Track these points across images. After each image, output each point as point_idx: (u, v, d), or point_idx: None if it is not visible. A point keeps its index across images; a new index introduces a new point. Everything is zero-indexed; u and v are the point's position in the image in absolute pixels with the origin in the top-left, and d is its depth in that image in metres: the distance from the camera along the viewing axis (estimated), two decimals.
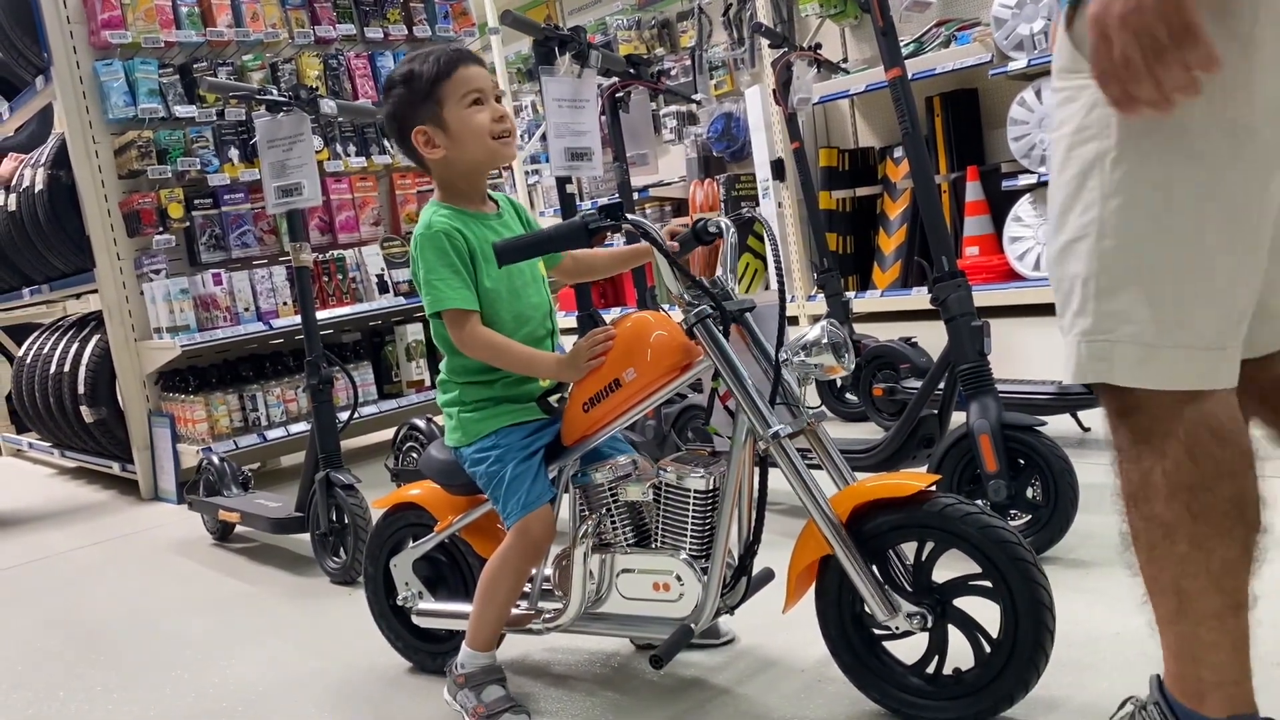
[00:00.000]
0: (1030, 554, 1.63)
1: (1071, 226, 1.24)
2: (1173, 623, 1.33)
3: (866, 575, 1.69)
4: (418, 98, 1.95)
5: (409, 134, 1.96)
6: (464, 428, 1.99)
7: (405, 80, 1.96)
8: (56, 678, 2.55)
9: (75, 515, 4.51)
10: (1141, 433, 1.27)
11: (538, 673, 2.18)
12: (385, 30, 4.90)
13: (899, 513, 1.69)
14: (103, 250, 4.33)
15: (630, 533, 1.93)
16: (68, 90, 4.26)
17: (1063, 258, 1.26)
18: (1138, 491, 1.29)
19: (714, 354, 1.78)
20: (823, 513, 1.71)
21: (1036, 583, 1.62)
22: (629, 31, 7.20)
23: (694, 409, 3.27)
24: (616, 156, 3.50)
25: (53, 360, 4.96)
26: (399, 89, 1.97)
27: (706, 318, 1.78)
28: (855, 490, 1.74)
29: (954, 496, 1.69)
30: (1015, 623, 1.63)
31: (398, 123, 1.98)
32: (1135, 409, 1.26)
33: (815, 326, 1.76)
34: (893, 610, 1.69)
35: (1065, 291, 1.27)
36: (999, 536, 1.63)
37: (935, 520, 1.67)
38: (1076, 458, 2.37)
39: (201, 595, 3.06)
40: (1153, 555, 1.31)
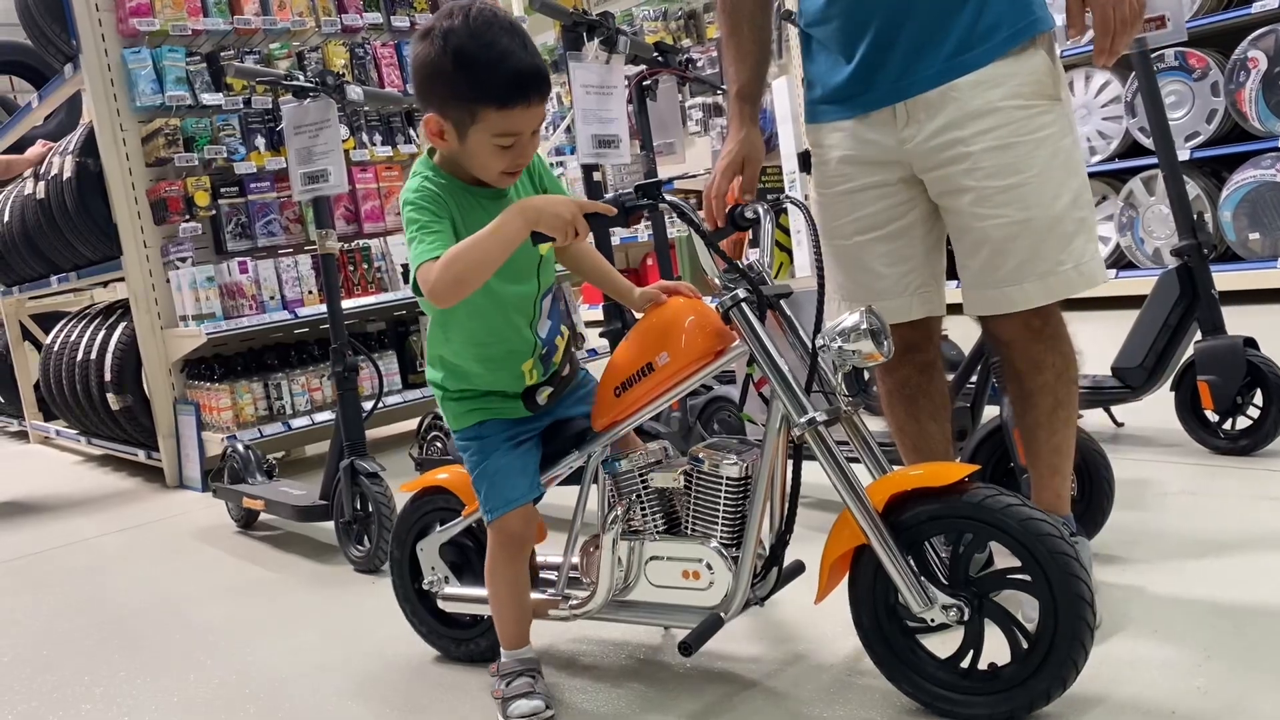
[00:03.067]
0: (1072, 548, 1.59)
1: (1071, 188, 1.87)
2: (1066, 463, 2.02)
3: (902, 565, 1.66)
4: (457, 93, 1.69)
5: (427, 109, 1.75)
6: (450, 414, 1.96)
7: (461, 63, 1.66)
8: (82, 662, 2.55)
9: (101, 502, 4.53)
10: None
11: (564, 663, 2.15)
12: (411, 19, 4.88)
13: (937, 503, 1.65)
14: (130, 238, 4.34)
15: (660, 520, 1.90)
16: (96, 78, 4.27)
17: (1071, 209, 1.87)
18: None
19: (750, 339, 1.75)
20: (859, 501, 1.67)
21: (1077, 577, 1.57)
22: (655, 22, 7.18)
23: (720, 400, 3.24)
24: (643, 145, 3.47)
25: (80, 348, 4.99)
26: (450, 64, 1.66)
27: (742, 301, 1.75)
28: (892, 479, 1.71)
29: (994, 488, 1.64)
30: (1055, 618, 1.59)
31: (422, 86, 1.74)
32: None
33: (854, 313, 1.71)
34: (929, 602, 1.66)
35: (1071, 233, 1.86)
36: (1040, 529, 1.59)
37: (974, 511, 1.62)
38: (1110, 453, 2.33)
39: (225, 582, 3.06)
40: (1070, 419, 2.00)
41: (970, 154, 1.85)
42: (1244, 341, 2.81)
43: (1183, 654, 1.82)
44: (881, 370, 2.14)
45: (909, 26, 1.85)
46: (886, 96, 1.90)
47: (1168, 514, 2.51)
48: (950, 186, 1.90)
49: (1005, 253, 1.87)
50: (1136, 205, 5.36)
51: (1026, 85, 1.84)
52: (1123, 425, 3.24)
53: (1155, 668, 1.79)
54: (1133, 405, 3.06)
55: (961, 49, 1.83)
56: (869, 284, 2.04)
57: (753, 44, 2.05)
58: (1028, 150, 1.83)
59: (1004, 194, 1.85)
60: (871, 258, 2.03)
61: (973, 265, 1.94)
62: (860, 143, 1.97)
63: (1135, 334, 2.96)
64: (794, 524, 1.82)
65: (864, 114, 1.94)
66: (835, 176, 2.03)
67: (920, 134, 1.88)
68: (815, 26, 1.98)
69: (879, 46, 1.87)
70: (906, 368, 2.11)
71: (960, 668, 1.71)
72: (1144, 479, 2.75)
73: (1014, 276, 1.88)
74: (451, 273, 1.65)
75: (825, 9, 1.93)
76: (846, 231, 2.04)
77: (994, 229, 1.87)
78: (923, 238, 2.02)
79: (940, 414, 2.15)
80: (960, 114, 1.84)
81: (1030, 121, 1.84)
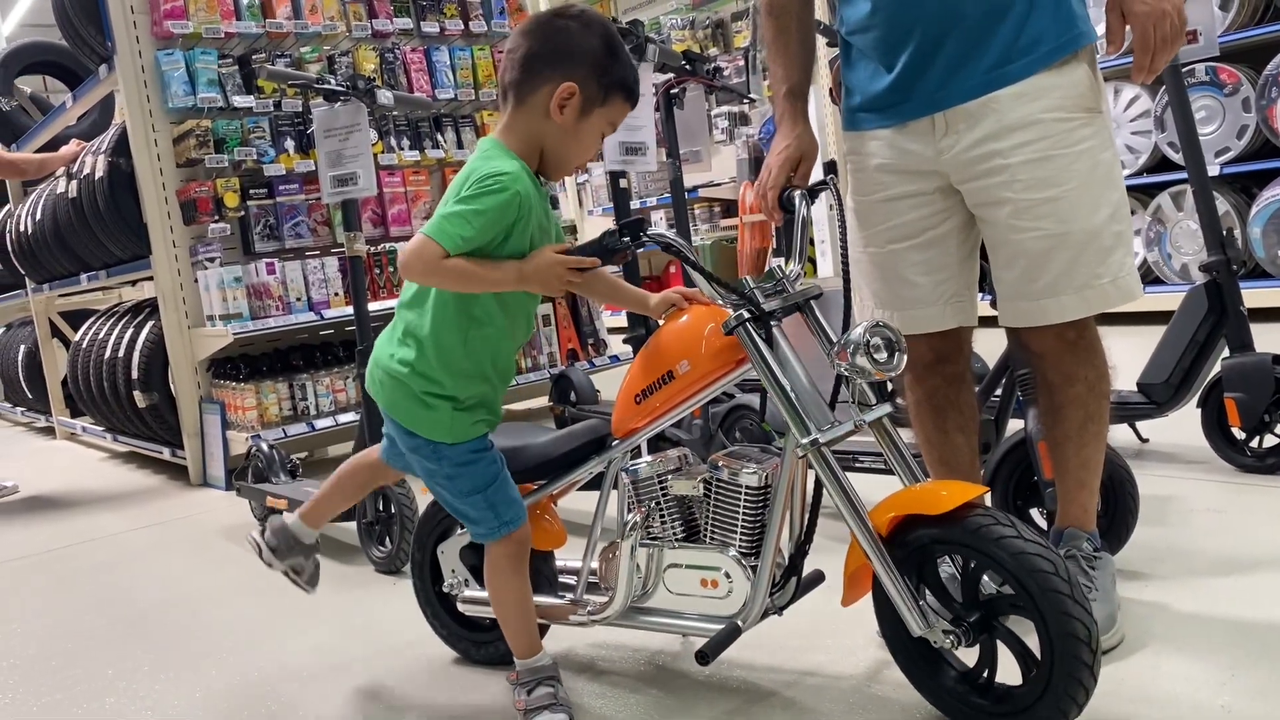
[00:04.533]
0: (1066, 583, 1.53)
1: (1111, 201, 1.87)
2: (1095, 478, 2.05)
3: (901, 588, 1.65)
4: (599, 71, 1.78)
5: (559, 72, 1.76)
6: (453, 426, 1.86)
7: (610, 49, 1.79)
8: (106, 656, 2.58)
9: (125, 499, 4.57)
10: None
11: (582, 669, 2.16)
12: (441, 25, 4.92)
13: (938, 527, 1.63)
14: (159, 237, 4.39)
15: (679, 527, 1.90)
16: (130, 79, 4.32)
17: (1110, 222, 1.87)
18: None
19: (754, 358, 1.74)
20: (861, 523, 1.66)
21: (1070, 615, 1.52)
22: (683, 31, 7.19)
23: (742, 409, 3.24)
24: (670, 153, 3.48)
25: (108, 345, 5.04)
26: (600, 45, 1.78)
27: (745, 321, 1.73)
28: (895, 500, 1.68)
29: (993, 515, 1.60)
30: (1051, 653, 1.55)
31: (558, 53, 1.77)
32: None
33: (860, 325, 1.69)
34: (928, 625, 1.64)
35: (1109, 246, 1.87)
36: (1032, 565, 1.54)
37: (970, 539, 1.59)
38: (1135, 469, 2.31)
39: (247, 580, 3.08)
40: (1100, 433, 2.01)
41: (1009, 166, 1.84)
42: (1273, 359, 2.78)
43: (1207, 672, 1.81)
44: (911, 380, 2.14)
45: (952, 37, 1.84)
46: (926, 106, 1.89)
47: (1193, 531, 2.49)
48: (988, 198, 1.90)
49: (1042, 265, 1.87)
50: (1164, 220, 5.32)
51: (1068, 98, 1.83)
52: (1147, 441, 3.22)
53: (1179, 685, 1.78)
54: (1158, 421, 3.04)
55: (1003, 61, 1.83)
56: (903, 292, 2.04)
57: (799, 44, 2.05)
58: (1067, 163, 1.83)
59: (1042, 206, 1.84)
60: (906, 266, 2.02)
61: (1009, 277, 1.93)
62: (898, 151, 1.96)
63: (1162, 349, 2.94)
64: (814, 534, 1.82)
65: (903, 123, 1.94)
66: (872, 184, 2.03)
67: (959, 144, 1.88)
68: (856, 34, 1.97)
69: (921, 56, 1.87)
70: (936, 379, 2.10)
71: (978, 683, 1.70)
72: (1169, 496, 2.73)
73: (1050, 289, 1.88)
74: (443, 277, 1.77)
75: (868, 17, 1.92)
76: (881, 239, 2.04)
77: (1031, 241, 1.87)
78: (957, 247, 2.01)
79: (968, 427, 2.14)
80: (999, 125, 1.84)
81: (1070, 134, 1.83)
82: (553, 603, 2.05)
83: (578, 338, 5.18)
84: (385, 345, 1.92)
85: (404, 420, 1.88)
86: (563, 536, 2.10)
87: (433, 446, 1.86)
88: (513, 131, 1.83)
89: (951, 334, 2.06)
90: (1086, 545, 2.03)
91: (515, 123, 1.83)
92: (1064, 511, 2.07)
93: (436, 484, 1.92)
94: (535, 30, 1.81)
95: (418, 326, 1.85)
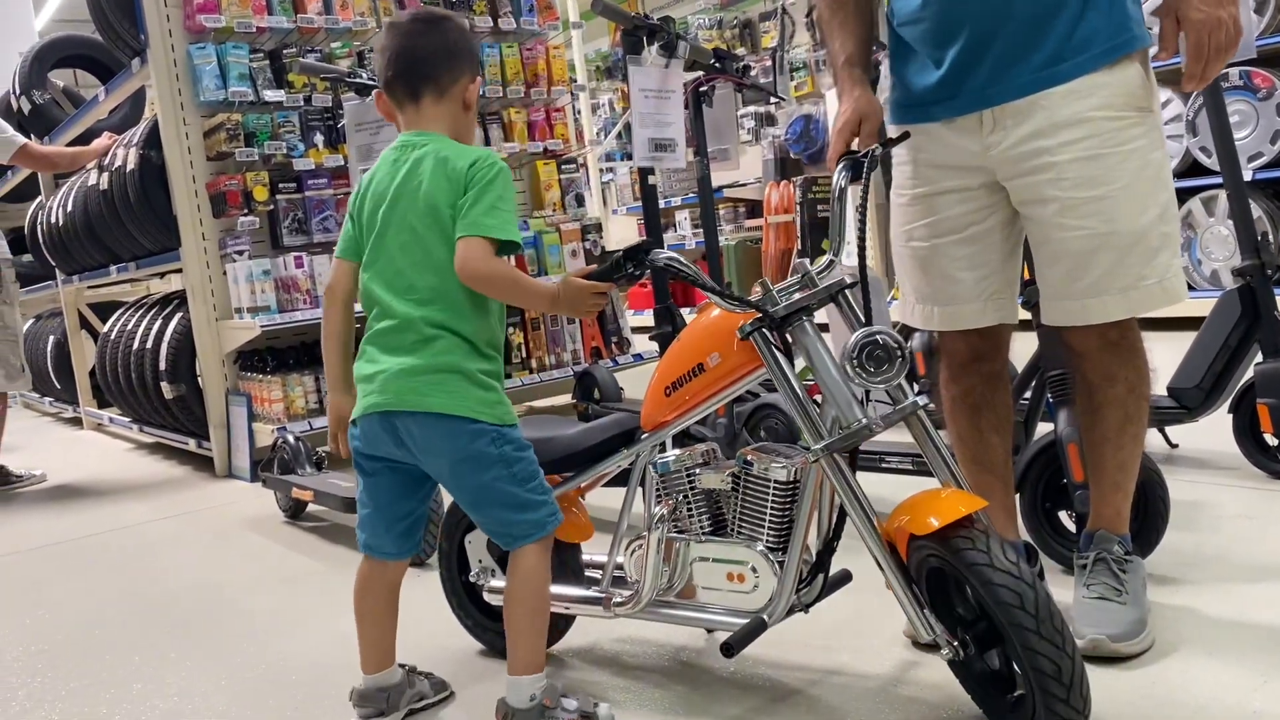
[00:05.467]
0: (1033, 617, 1.49)
1: (1160, 202, 1.86)
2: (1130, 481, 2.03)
3: (908, 595, 1.64)
4: (479, 65, 1.93)
5: (469, 68, 1.89)
6: (503, 407, 1.81)
7: (475, 45, 1.95)
8: (133, 643, 2.60)
9: (152, 489, 4.61)
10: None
11: (607, 662, 2.16)
12: (471, 22, 4.93)
13: (934, 543, 1.60)
14: (189, 230, 4.43)
15: (706, 521, 1.90)
16: (162, 72, 4.36)
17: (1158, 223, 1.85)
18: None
19: (769, 365, 1.73)
20: (871, 531, 1.66)
21: (1035, 650, 1.49)
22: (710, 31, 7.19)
23: (767, 408, 3.23)
24: (698, 151, 3.47)
25: (136, 337, 5.08)
26: (474, 43, 1.94)
27: (760, 328, 1.73)
28: (902, 509, 1.66)
29: (971, 538, 1.55)
30: (1028, 683, 1.54)
31: (467, 51, 1.90)
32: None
33: (856, 333, 1.64)
34: (931, 632, 1.63)
35: (1156, 248, 1.85)
36: (998, 597, 1.51)
37: (954, 560, 1.57)
38: (1165, 474, 2.29)
39: (273, 571, 3.10)
40: (1139, 435, 1.99)
41: (1056, 164, 1.83)
42: None
43: (1238, 678, 1.79)
44: (946, 378, 2.12)
45: (1002, 34, 1.83)
46: (974, 103, 1.88)
47: (1224, 537, 2.46)
48: (1034, 195, 1.88)
49: (1086, 265, 1.86)
50: (1194, 226, 5.28)
51: (1118, 96, 1.82)
52: (1177, 446, 3.19)
53: (1210, 690, 1.76)
54: (1189, 426, 3.01)
55: (1055, 60, 1.82)
56: (945, 287, 2.03)
57: (856, 19, 2.05)
58: (1116, 162, 1.81)
59: (1088, 205, 1.83)
60: (948, 261, 2.01)
61: (1053, 275, 1.92)
62: (944, 147, 1.95)
63: (1193, 354, 2.91)
64: (841, 531, 1.81)
65: (950, 119, 1.93)
66: (917, 178, 2.02)
67: (1006, 140, 1.87)
68: (906, 26, 1.96)
69: (970, 52, 1.86)
70: (972, 377, 2.09)
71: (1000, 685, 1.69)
72: (1199, 501, 2.71)
73: (1094, 289, 1.87)
74: (490, 279, 1.77)
75: (919, 10, 1.91)
76: (925, 233, 2.03)
77: (1075, 240, 1.85)
78: (1000, 244, 2.00)
79: (1003, 427, 2.12)
80: (1048, 123, 1.82)
81: (1120, 133, 1.82)
82: (579, 595, 2.05)
83: (601, 336, 5.19)
84: (409, 355, 1.78)
85: (469, 411, 1.75)
86: (590, 529, 2.10)
87: (497, 431, 1.77)
88: (440, 125, 1.88)
89: (990, 332, 2.04)
90: (1118, 548, 2.02)
91: (440, 115, 1.88)
92: (1097, 513, 2.05)
93: (494, 479, 1.78)
94: (437, 29, 1.87)
95: (446, 318, 1.78)
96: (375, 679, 1.96)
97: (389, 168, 1.86)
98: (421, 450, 1.80)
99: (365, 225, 1.88)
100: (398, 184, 1.82)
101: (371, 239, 1.86)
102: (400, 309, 1.79)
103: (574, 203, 5.32)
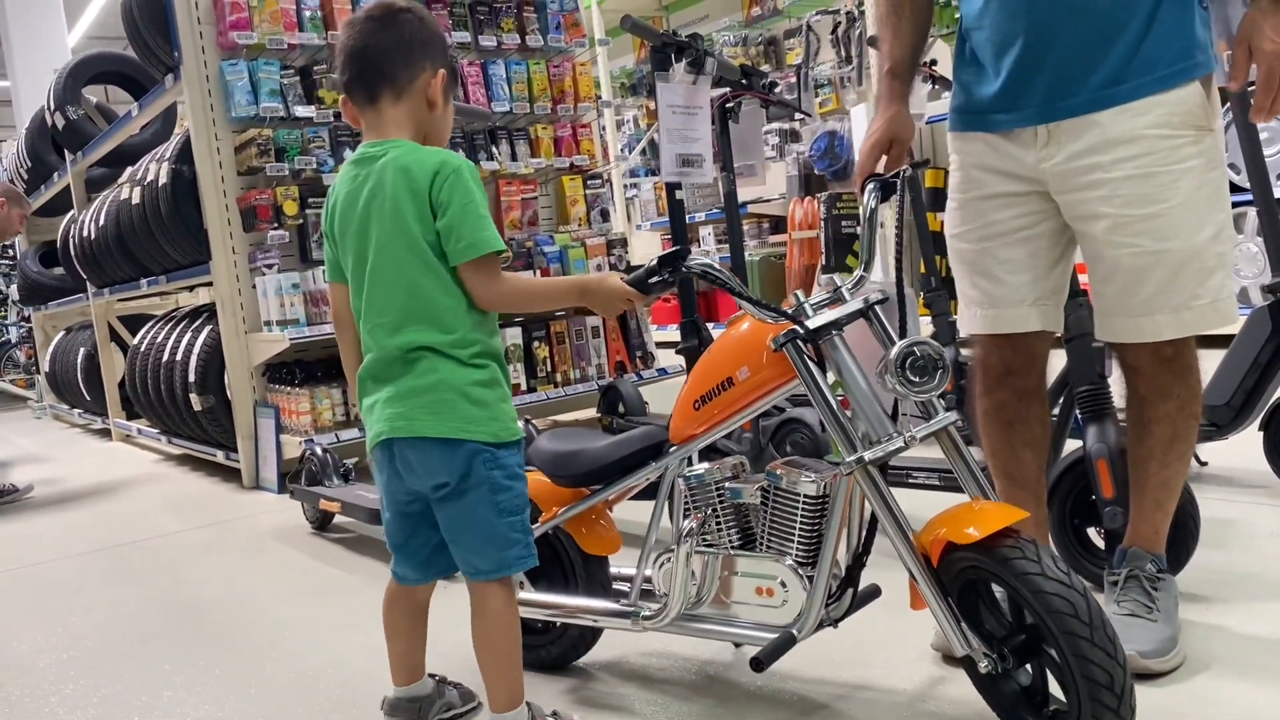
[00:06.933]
0: (1086, 625, 1.49)
1: (1215, 222, 1.84)
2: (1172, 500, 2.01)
3: (944, 608, 1.64)
4: (446, 59, 1.79)
5: (429, 61, 1.76)
6: (502, 420, 1.73)
7: (439, 34, 1.81)
8: (163, 651, 2.62)
9: (180, 499, 4.66)
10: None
11: (634, 676, 2.16)
12: (499, 39, 4.97)
13: (976, 553, 1.60)
14: (219, 244, 4.48)
15: (735, 534, 1.90)
16: (195, 88, 4.42)
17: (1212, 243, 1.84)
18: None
19: (803, 377, 1.73)
20: (906, 543, 1.65)
21: (1088, 659, 1.49)
22: (735, 48, 7.22)
23: (794, 423, 3.24)
24: (724, 167, 3.49)
25: (165, 349, 5.14)
26: (439, 33, 1.80)
27: (794, 339, 1.73)
28: (939, 521, 1.66)
29: (1020, 547, 1.56)
30: (1076, 694, 1.53)
31: (427, 44, 1.76)
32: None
33: (899, 343, 1.66)
34: (969, 646, 1.63)
35: (1211, 268, 1.83)
36: (1050, 605, 1.51)
37: (1000, 570, 1.57)
38: (1195, 492, 2.27)
39: (301, 581, 3.13)
40: (1185, 454, 1.97)
41: (1109, 180, 1.83)
42: None
43: (1271, 698, 1.78)
44: (980, 391, 2.12)
45: (1057, 46, 1.83)
46: (1031, 118, 1.89)
47: (1255, 556, 2.44)
48: (1086, 211, 1.88)
49: (1139, 282, 1.85)
50: None
51: (1174, 114, 1.80)
52: (1206, 464, 3.17)
53: (1242, 709, 1.75)
54: (1218, 444, 2.99)
55: (1114, 80, 1.81)
56: (989, 289, 2.03)
57: (911, 25, 2.05)
58: (1170, 180, 1.80)
59: (1141, 223, 1.82)
60: (996, 264, 2.01)
61: (1106, 292, 1.92)
62: (998, 155, 1.96)
63: (1223, 372, 2.90)
64: (871, 547, 1.81)
65: (1006, 131, 1.94)
66: (970, 182, 2.02)
67: (1059, 154, 1.87)
68: (971, 30, 1.97)
69: (1026, 64, 1.86)
70: (1005, 392, 2.08)
71: (1035, 701, 1.69)
72: (1230, 519, 2.69)
73: (1146, 307, 1.86)
74: (519, 297, 1.76)
75: (979, 15, 1.92)
76: (975, 236, 2.03)
77: (1127, 258, 1.85)
78: (1048, 250, 1.99)
79: (1038, 443, 2.11)
80: (1103, 139, 1.82)
81: (1175, 152, 1.80)
82: (607, 608, 2.06)
83: (626, 350, 5.20)
84: (394, 383, 1.74)
85: (458, 431, 1.70)
86: (618, 542, 2.11)
87: (491, 452, 1.71)
88: (401, 128, 1.77)
89: (1024, 346, 2.03)
90: (1150, 566, 2.00)
91: (400, 116, 1.76)
92: (1135, 530, 2.03)
93: (476, 503, 1.72)
94: (390, 24, 1.76)
95: (421, 337, 1.71)
96: (406, 690, 1.97)
97: (350, 185, 1.77)
98: (419, 476, 1.75)
99: (340, 247, 1.81)
100: (363, 205, 1.74)
101: (351, 266, 1.79)
102: (378, 338, 1.75)
103: (599, 218, 5.34)
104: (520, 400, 4.71)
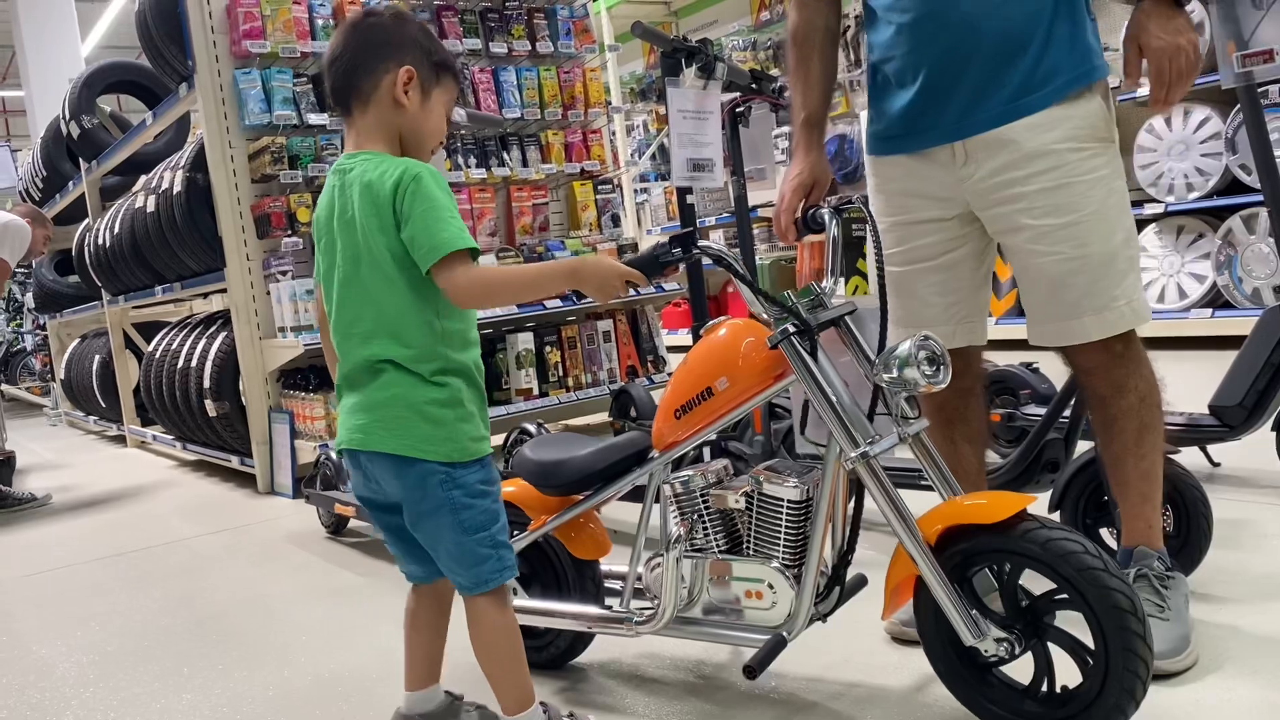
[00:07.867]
0: (1100, 559, 1.58)
1: (1124, 227, 1.96)
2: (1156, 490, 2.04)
3: (953, 598, 1.67)
4: (428, 52, 1.76)
5: (392, 61, 1.72)
6: (458, 440, 1.70)
7: (425, 33, 1.79)
8: (182, 654, 2.65)
9: (196, 505, 4.69)
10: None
11: (627, 677, 2.18)
12: (509, 46, 5.00)
13: (991, 536, 1.66)
14: (233, 251, 4.51)
15: (722, 539, 1.93)
16: (209, 97, 4.46)
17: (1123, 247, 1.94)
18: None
19: (800, 372, 1.77)
20: (911, 534, 1.68)
21: (1111, 588, 1.56)
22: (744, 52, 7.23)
23: None
24: (735, 171, 3.50)
25: (180, 355, 5.18)
26: (419, 31, 1.78)
27: (791, 335, 1.76)
28: (942, 512, 1.71)
29: (1039, 519, 1.65)
30: (1102, 633, 1.57)
31: (393, 39, 1.74)
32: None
33: (908, 340, 1.71)
34: (980, 633, 1.66)
35: (1124, 270, 1.93)
36: (1062, 549, 1.59)
37: (1021, 546, 1.63)
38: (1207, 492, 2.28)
39: (316, 585, 3.15)
40: (1158, 444, 2.01)
41: (1026, 194, 1.92)
42: None
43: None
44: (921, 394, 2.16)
45: (971, 69, 1.92)
46: (946, 135, 1.97)
47: (1267, 555, 2.44)
48: (1007, 225, 1.97)
49: (1063, 287, 1.94)
50: (1235, 243, 5.23)
51: (1081, 128, 1.91)
52: (1219, 465, 3.16)
53: (1253, 709, 1.75)
54: (1231, 445, 2.99)
55: (1022, 93, 1.91)
56: (917, 310, 2.12)
57: (821, 75, 2.16)
58: (1083, 190, 1.90)
59: (1059, 231, 1.91)
60: (922, 286, 2.11)
61: (1033, 300, 2.02)
62: (919, 179, 2.05)
63: (1235, 372, 2.89)
64: (855, 544, 1.84)
65: (924, 150, 2.02)
66: (894, 207, 2.11)
67: (978, 173, 1.96)
68: (882, 61, 2.06)
69: (940, 86, 1.95)
70: (946, 392, 2.10)
71: (1036, 692, 1.70)
72: (1242, 519, 2.69)
73: (1072, 311, 1.95)
74: (488, 289, 1.69)
75: (891, 45, 2.00)
76: (901, 259, 2.12)
77: (1050, 265, 1.94)
78: (971, 273, 2.11)
79: (976, 438, 2.21)
80: (1018, 155, 1.91)
81: (1085, 163, 1.91)
82: (601, 614, 2.07)
83: (637, 354, 5.22)
84: (359, 392, 1.73)
85: (412, 450, 1.68)
86: (607, 545, 2.13)
87: (446, 472, 1.69)
88: (373, 136, 1.75)
89: (960, 353, 2.10)
90: (1158, 564, 2.01)
91: (370, 124, 1.74)
92: (1129, 528, 2.05)
93: (439, 525, 1.71)
94: (353, 32, 1.76)
95: (387, 349, 1.70)
96: (416, 700, 1.95)
97: (328, 196, 1.77)
98: (382, 487, 1.76)
99: (322, 255, 1.81)
100: (336, 218, 1.74)
101: (323, 275, 1.79)
102: (349, 347, 1.74)
103: (610, 223, 5.36)
104: (532, 405, 4.73)
